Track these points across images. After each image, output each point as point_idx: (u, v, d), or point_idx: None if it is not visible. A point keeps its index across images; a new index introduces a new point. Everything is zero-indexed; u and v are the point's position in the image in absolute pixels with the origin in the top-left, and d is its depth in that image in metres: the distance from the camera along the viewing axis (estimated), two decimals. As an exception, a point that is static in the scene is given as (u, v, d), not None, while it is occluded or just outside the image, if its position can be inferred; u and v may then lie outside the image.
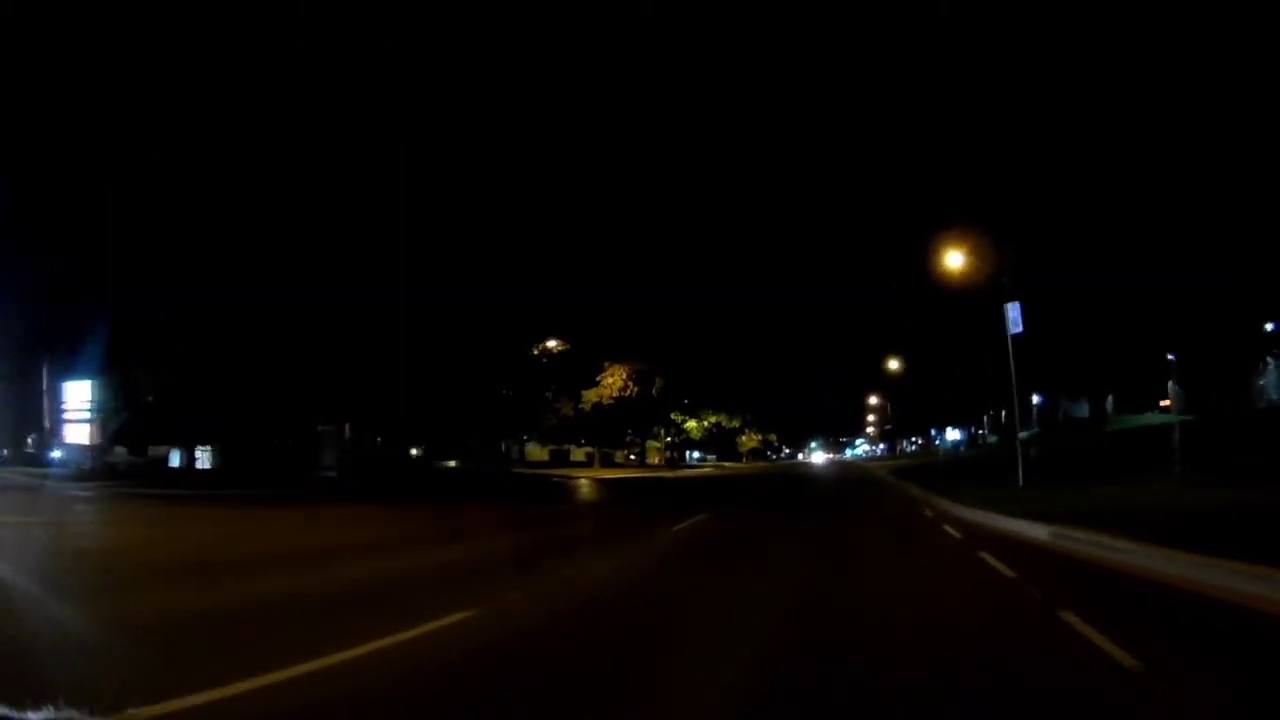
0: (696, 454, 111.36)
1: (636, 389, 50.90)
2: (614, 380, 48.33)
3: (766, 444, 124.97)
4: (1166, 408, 51.39)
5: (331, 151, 32.48)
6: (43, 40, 25.35)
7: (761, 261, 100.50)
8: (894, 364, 76.06)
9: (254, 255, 29.43)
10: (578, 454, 69.81)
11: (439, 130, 38.06)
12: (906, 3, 42.59)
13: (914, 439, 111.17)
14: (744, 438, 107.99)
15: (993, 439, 69.23)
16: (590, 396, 47.91)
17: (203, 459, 43.43)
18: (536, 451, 74.88)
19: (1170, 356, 49.66)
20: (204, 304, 31.53)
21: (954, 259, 34.45)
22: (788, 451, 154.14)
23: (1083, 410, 62.81)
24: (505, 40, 41.82)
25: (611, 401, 49.37)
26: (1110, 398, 59.15)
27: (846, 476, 37.65)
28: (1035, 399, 64.81)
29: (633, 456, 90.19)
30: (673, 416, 77.00)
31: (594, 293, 46.59)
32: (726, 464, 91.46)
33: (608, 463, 72.09)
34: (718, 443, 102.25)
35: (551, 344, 45.00)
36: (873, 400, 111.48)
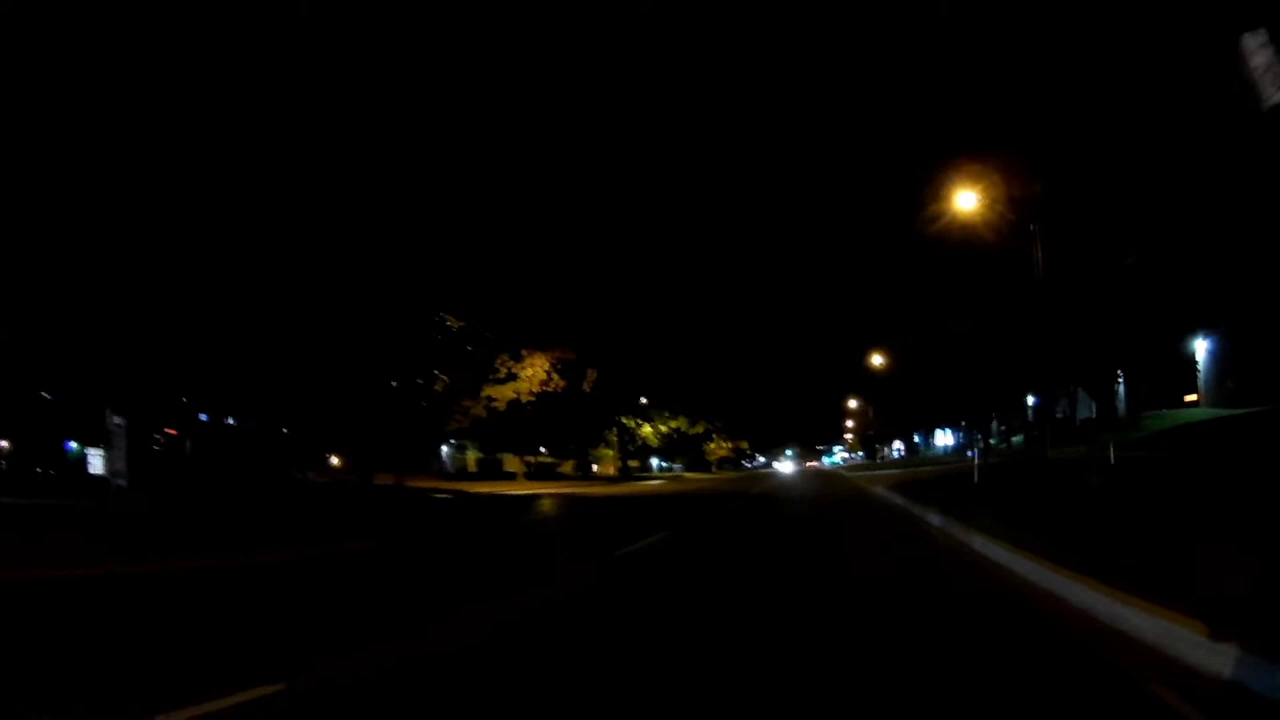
0: (664, 463, 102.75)
1: (562, 383, 41.91)
2: (533, 372, 39.43)
3: (738, 451, 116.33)
4: (1193, 402, 43.35)
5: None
6: (40, 39, 22.25)
7: (727, 256, 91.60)
8: (878, 359, 68.14)
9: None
10: (514, 463, 60.94)
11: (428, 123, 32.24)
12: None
13: (895, 445, 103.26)
14: (712, 445, 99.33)
15: (994, 443, 60.82)
16: (504, 392, 38.96)
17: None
18: (472, 461, 66.14)
19: (1203, 340, 41.92)
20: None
21: (965, 200, 26.47)
22: (762, 460, 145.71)
23: (1086, 409, 55.12)
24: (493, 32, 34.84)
25: (532, 398, 40.45)
26: (1122, 392, 51.19)
27: (829, 499, 23.74)
28: (1030, 399, 57.21)
29: (595, 467, 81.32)
30: (624, 421, 68.06)
31: (513, 272, 37.88)
32: (690, 475, 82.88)
33: (547, 475, 63.27)
34: (683, 451, 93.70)
35: (448, 323, 35.91)
36: (852, 404, 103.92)
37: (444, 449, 65.33)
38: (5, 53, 21.59)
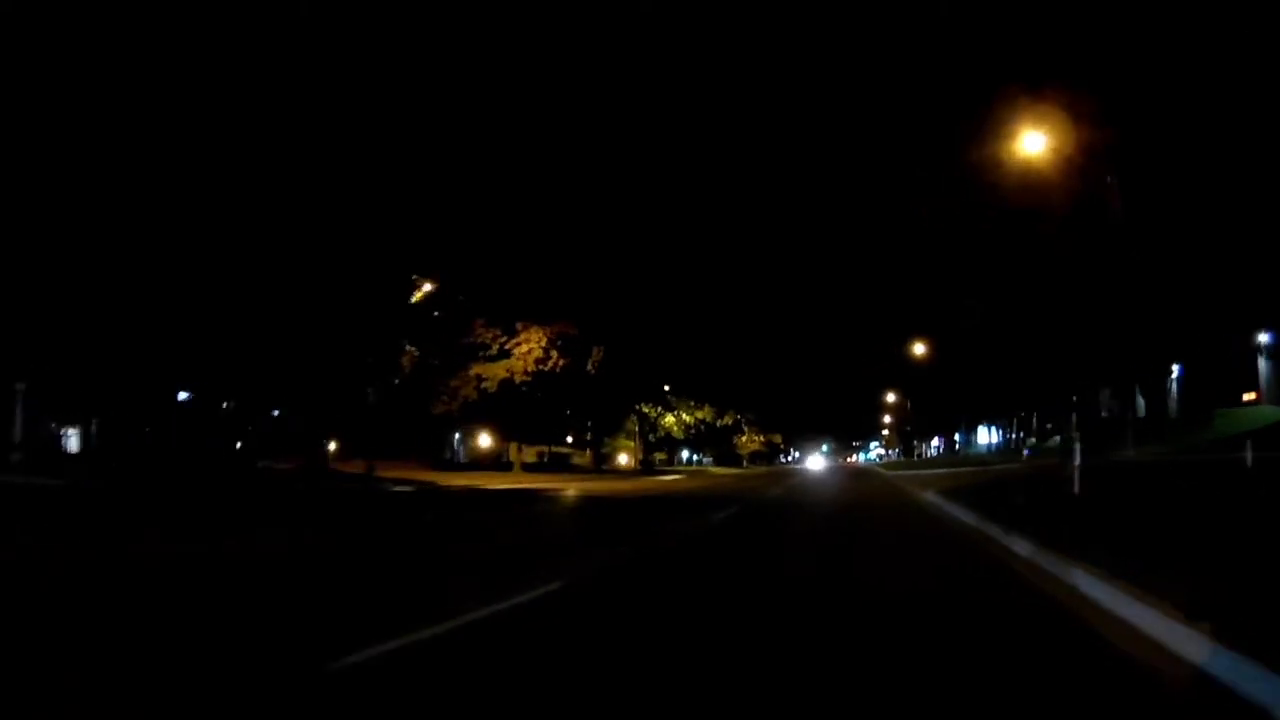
0: (695, 456, 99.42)
1: (563, 361, 38.36)
2: (528, 348, 36.04)
3: (770, 445, 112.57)
4: (1251, 401, 39.23)
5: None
6: (37, 40, 21.90)
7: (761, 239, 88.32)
8: (919, 349, 64.18)
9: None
10: (523, 453, 58.09)
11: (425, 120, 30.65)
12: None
13: (932, 442, 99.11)
14: (742, 438, 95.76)
15: (1033, 441, 56.76)
16: (495, 370, 35.74)
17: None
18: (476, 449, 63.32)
19: (1264, 335, 37.97)
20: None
21: (1033, 143, 23.08)
22: (796, 455, 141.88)
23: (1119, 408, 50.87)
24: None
25: (528, 378, 37.13)
26: (1174, 390, 47.08)
27: (868, 508, 15.94)
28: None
29: (623, 458, 77.79)
30: (643, 409, 64.78)
31: (505, 232, 34.61)
32: (714, 469, 79.56)
33: (559, 466, 60.38)
34: (711, 443, 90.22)
35: (427, 287, 32.46)
36: (890, 398, 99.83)
37: (456, 436, 62.54)
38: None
